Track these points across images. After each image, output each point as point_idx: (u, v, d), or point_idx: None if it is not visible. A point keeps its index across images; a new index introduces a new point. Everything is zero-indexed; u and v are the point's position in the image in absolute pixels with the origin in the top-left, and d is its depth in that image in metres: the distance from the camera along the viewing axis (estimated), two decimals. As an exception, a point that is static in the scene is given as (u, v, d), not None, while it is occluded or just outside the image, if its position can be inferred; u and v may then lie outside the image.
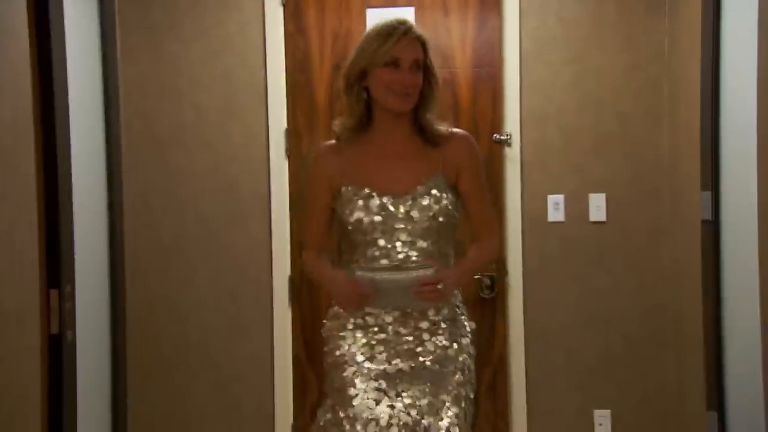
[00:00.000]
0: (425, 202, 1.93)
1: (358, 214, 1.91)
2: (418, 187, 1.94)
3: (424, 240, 1.95)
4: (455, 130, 2.09)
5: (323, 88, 3.76)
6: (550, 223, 3.85)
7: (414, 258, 1.94)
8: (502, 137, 3.76)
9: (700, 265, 3.53)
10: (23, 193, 2.26)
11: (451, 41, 3.78)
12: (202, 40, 3.74)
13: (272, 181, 3.76)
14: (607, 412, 3.86)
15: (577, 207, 3.85)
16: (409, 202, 1.92)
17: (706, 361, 3.53)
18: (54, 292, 2.42)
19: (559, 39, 3.85)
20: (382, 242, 1.93)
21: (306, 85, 3.75)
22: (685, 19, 3.65)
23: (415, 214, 1.91)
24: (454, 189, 2.00)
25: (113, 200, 3.35)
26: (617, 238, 3.91)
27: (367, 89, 1.96)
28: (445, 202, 1.96)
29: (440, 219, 1.95)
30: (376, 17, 3.53)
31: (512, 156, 3.82)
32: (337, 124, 2.05)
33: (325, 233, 2.04)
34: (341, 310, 2.03)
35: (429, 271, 1.89)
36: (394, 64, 1.88)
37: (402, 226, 1.91)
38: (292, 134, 3.75)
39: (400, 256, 1.93)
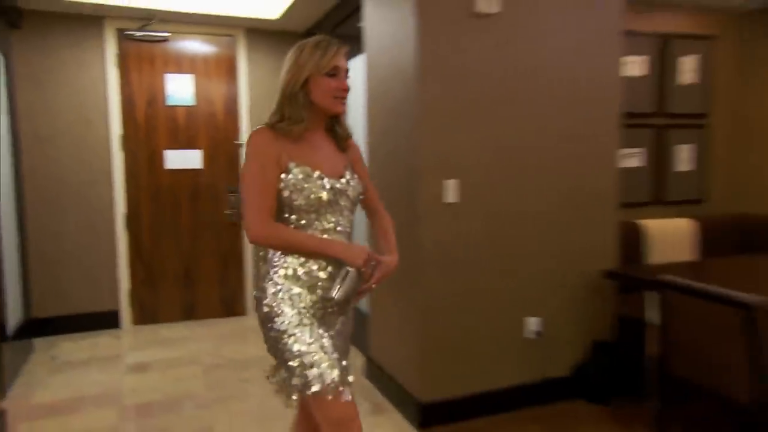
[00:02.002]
0: (353, 182, 1.62)
1: (318, 192, 1.52)
2: (346, 172, 1.61)
3: (351, 213, 1.64)
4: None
5: (141, 113, 4.36)
6: None
7: (348, 229, 1.63)
8: (239, 143, 4.57)
9: None
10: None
11: (215, 92, 4.53)
12: (70, 86, 4.19)
13: (112, 162, 4.31)
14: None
15: None
16: (344, 183, 1.58)
17: None
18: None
19: (267, 95, 4.54)
20: (331, 217, 1.56)
21: (131, 111, 4.35)
22: None
23: (350, 192, 1.60)
24: None
25: (17, 171, 3.91)
26: None
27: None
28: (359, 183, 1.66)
29: (360, 196, 1.67)
30: (170, 79, 4.40)
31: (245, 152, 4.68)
32: (282, 127, 1.51)
33: (275, 207, 1.51)
34: (291, 289, 1.51)
35: (393, 258, 1.64)
36: (334, 73, 1.52)
37: (344, 203, 1.58)
38: (124, 137, 4.32)
39: (340, 228, 1.59)
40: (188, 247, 4.63)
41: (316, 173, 1.53)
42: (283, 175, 1.51)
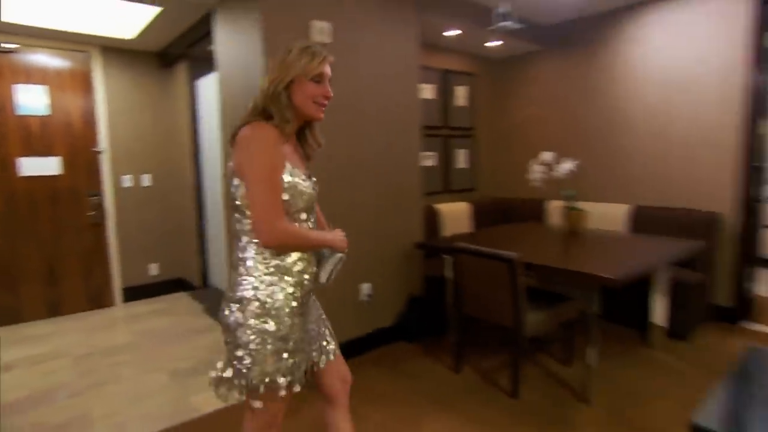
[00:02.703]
0: (316, 186, 1.34)
1: (309, 192, 1.26)
2: (312, 175, 1.34)
3: None
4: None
5: (-11, 122, 3.56)
6: (124, 187, 4.12)
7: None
8: (98, 150, 3.95)
9: (194, 200, 4.16)
10: None
11: (71, 103, 3.81)
12: None
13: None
14: (156, 265, 4.37)
15: (135, 180, 4.17)
16: (315, 184, 1.33)
17: (199, 240, 4.22)
18: None
19: (125, 108, 4.09)
20: (311, 217, 1.31)
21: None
22: (181, 100, 4.12)
23: (316, 192, 1.34)
24: None
25: None
26: (154, 194, 4.30)
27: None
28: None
29: None
30: (20, 90, 3.62)
31: (105, 158, 3.98)
32: (276, 124, 1.21)
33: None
34: (285, 288, 1.23)
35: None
36: (318, 79, 1.26)
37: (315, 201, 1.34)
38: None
39: (315, 228, 1.35)
40: (50, 247, 3.87)
41: (304, 175, 1.26)
42: (286, 177, 1.19)
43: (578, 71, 4.08)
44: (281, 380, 1.22)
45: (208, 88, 3.77)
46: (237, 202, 1.23)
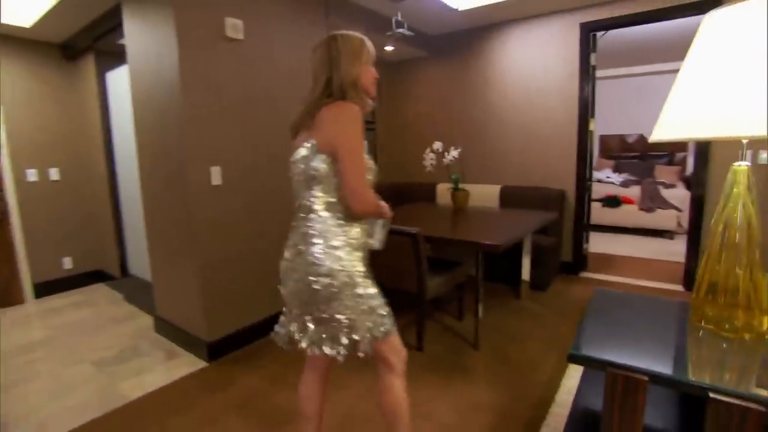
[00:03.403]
0: None
1: (374, 169, 1.24)
2: None
3: None
4: None
5: None
6: (29, 182, 3.48)
7: None
8: None
9: (109, 192, 3.72)
10: None
11: None
12: None
13: None
14: (70, 258, 3.77)
15: (42, 173, 3.56)
16: None
17: (116, 231, 3.80)
18: None
19: (22, 99, 3.41)
20: None
21: None
22: (89, 93, 3.62)
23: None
24: None
25: None
26: (64, 187, 3.70)
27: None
28: None
29: None
30: None
31: (3, 152, 3.30)
32: (363, 105, 1.20)
33: None
34: (358, 255, 1.24)
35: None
36: (372, 64, 1.25)
37: None
38: None
39: None
40: (-60, 247, 3.15)
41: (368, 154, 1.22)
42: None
43: (459, 75, 4.23)
44: (384, 329, 1.24)
45: (119, 80, 3.33)
46: (320, 177, 1.18)
